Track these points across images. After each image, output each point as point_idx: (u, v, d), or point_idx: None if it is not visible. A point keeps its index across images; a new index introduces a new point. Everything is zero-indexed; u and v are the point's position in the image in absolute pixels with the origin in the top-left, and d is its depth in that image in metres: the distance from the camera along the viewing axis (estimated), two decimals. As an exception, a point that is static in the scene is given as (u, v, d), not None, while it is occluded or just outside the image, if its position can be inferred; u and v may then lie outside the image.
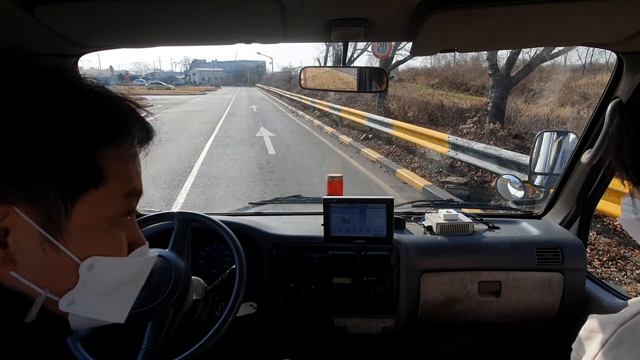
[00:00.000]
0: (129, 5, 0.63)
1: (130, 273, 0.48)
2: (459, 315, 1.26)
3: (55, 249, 0.40)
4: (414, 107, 12.13)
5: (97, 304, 0.45)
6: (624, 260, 3.27)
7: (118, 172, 0.43)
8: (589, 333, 0.48)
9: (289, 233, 1.29)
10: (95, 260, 0.42)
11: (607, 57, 13.00)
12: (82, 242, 0.41)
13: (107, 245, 0.44)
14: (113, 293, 0.47)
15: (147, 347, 0.84)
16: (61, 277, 0.42)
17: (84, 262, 0.42)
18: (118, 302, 0.49)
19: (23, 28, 0.70)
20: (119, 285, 0.47)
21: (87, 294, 0.43)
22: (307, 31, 0.81)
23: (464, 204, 2.07)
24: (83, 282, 0.42)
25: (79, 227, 0.41)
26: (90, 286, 0.43)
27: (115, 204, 0.43)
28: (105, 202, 0.42)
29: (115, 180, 0.42)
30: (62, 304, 0.42)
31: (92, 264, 0.42)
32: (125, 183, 0.44)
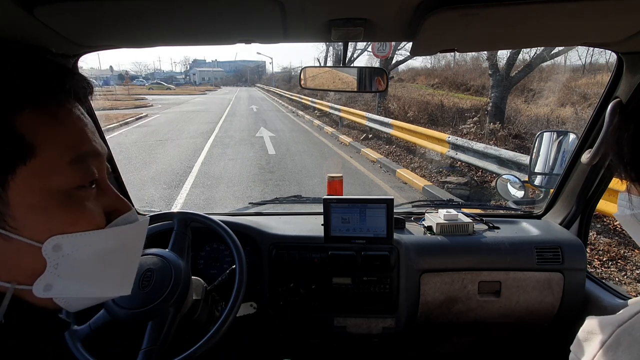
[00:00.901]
0: (129, 5, 0.63)
1: (115, 244, 0.42)
2: (459, 315, 1.26)
3: (6, 239, 0.36)
4: (414, 107, 12.13)
5: (84, 282, 0.41)
6: (624, 260, 3.27)
7: (49, 138, 0.36)
8: (587, 334, 0.48)
9: (289, 233, 1.29)
10: (61, 239, 0.38)
11: (607, 57, 13.01)
12: (35, 223, 0.37)
13: (70, 220, 0.38)
14: (100, 267, 0.42)
15: (147, 347, 0.84)
16: (27, 264, 0.38)
17: (45, 243, 0.37)
18: (112, 275, 0.44)
19: (23, 28, 0.70)
20: (104, 258, 0.42)
21: (64, 275, 0.39)
22: (307, 31, 0.81)
23: (464, 204, 2.07)
24: (54, 264, 0.38)
25: (25, 209, 0.36)
26: (65, 267, 0.39)
27: (60, 175, 0.37)
28: (44, 175, 0.36)
29: (48, 148, 0.36)
30: (37, 290, 0.38)
31: (57, 244, 0.38)
32: (64, 148, 0.38)
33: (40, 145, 0.36)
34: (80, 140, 0.39)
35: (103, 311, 0.90)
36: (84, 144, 0.40)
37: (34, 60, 0.38)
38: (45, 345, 0.42)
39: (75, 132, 0.39)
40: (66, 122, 0.39)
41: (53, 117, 0.38)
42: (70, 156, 0.38)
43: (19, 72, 0.36)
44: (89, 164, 0.40)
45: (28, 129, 0.35)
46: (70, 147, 0.38)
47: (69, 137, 0.38)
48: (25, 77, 0.37)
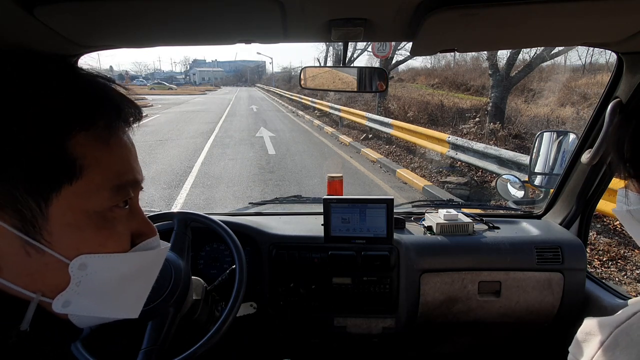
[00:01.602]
0: (129, 5, 0.63)
1: (134, 268, 0.43)
2: (459, 315, 1.26)
3: (39, 251, 0.37)
4: (414, 107, 12.13)
5: (99, 302, 0.42)
6: (624, 260, 3.27)
7: (96, 162, 0.38)
8: (585, 335, 0.48)
9: (289, 233, 1.29)
10: (88, 259, 0.39)
11: (607, 57, 13.02)
12: (68, 240, 0.38)
13: (100, 241, 0.39)
14: (118, 290, 0.43)
15: (147, 347, 0.84)
16: (52, 279, 0.38)
17: (73, 261, 0.38)
18: (126, 298, 0.45)
19: (23, 28, 0.70)
20: (122, 281, 0.43)
21: (83, 294, 0.40)
22: (307, 31, 0.81)
23: (464, 204, 2.07)
24: (76, 282, 0.39)
25: (62, 226, 0.37)
26: (86, 286, 0.39)
27: (100, 198, 0.38)
28: (86, 196, 0.37)
29: (94, 171, 0.37)
30: (56, 305, 0.39)
31: (83, 263, 0.39)
32: (109, 174, 0.39)
33: (88, 168, 0.37)
34: (124, 168, 0.41)
35: (103, 311, 0.90)
36: (127, 172, 0.41)
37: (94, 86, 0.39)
38: (47, 349, 0.42)
39: (121, 160, 0.41)
40: (115, 149, 0.40)
41: (104, 143, 0.39)
42: (113, 183, 0.39)
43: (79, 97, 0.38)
44: (128, 189, 0.41)
45: (79, 151, 0.36)
46: (114, 174, 0.39)
47: (115, 164, 0.40)
48: (83, 101, 0.38)
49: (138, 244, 0.44)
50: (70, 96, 0.37)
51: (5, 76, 0.35)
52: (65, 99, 0.36)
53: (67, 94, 0.37)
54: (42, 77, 0.37)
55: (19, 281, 0.37)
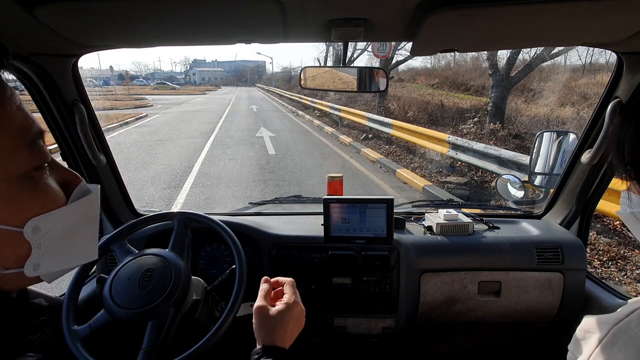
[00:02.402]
0: (129, 5, 0.63)
1: (79, 216, 0.45)
2: (459, 315, 1.26)
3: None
4: (414, 107, 12.14)
5: (62, 256, 0.44)
6: (624, 260, 3.27)
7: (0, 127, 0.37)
8: (584, 333, 0.48)
9: (289, 233, 1.29)
10: (37, 221, 0.40)
11: (607, 57, 13.02)
12: (9, 210, 0.38)
13: (38, 202, 0.41)
14: (72, 240, 0.45)
15: (147, 347, 0.84)
16: (11, 250, 0.40)
17: (24, 227, 0.39)
18: (82, 245, 0.47)
19: (23, 28, 0.70)
20: (74, 231, 0.45)
21: (46, 253, 0.42)
22: (307, 31, 0.81)
23: (464, 204, 2.07)
24: (37, 244, 0.40)
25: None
26: (46, 245, 0.41)
27: (19, 159, 0.39)
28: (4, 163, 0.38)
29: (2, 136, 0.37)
30: (28, 270, 0.41)
31: (36, 226, 0.40)
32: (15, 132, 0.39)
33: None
34: (27, 124, 0.40)
35: (103, 311, 0.90)
36: (32, 126, 0.41)
37: None
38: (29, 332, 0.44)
39: (19, 115, 0.40)
40: (7, 106, 0.39)
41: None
42: (24, 140, 0.39)
43: None
44: (41, 144, 0.41)
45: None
46: (21, 131, 0.39)
47: (16, 120, 0.39)
48: None
49: (72, 194, 0.45)
50: None
51: None
52: None
53: None
54: None
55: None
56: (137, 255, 0.97)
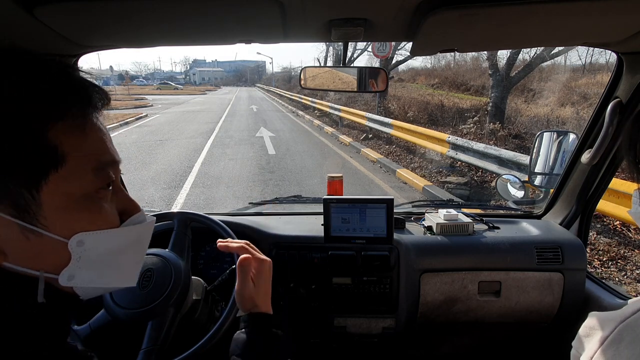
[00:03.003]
0: (129, 5, 0.63)
1: (126, 241, 0.48)
2: (459, 315, 1.26)
3: (37, 234, 0.40)
4: (414, 107, 12.13)
5: (99, 274, 0.46)
6: (624, 260, 3.27)
7: (76, 147, 0.41)
8: (589, 330, 0.48)
9: (289, 233, 1.28)
10: (83, 236, 0.43)
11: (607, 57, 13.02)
12: (62, 222, 0.41)
13: (91, 220, 0.44)
14: (113, 262, 0.47)
15: (147, 347, 0.84)
16: (54, 257, 0.42)
17: (70, 240, 0.42)
18: (122, 269, 0.49)
19: (23, 28, 0.70)
20: (117, 253, 0.47)
21: (84, 267, 0.44)
22: (307, 31, 0.81)
23: (464, 204, 2.07)
24: (77, 257, 0.43)
25: (54, 209, 0.40)
26: (86, 260, 0.44)
27: (84, 180, 0.42)
28: (72, 180, 0.41)
29: (75, 156, 0.41)
30: (62, 279, 0.43)
31: (80, 240, 0.43)
32: (88, 157, 0.42)
33: (69, 154, 0.40)
34: (102, 150, 0.44)
35: (103, 311, 0.90)
36: (105, 153, 0.45)
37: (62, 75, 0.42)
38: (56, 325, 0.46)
39: (97, 142, 0.44)
40: (90, 133, 0.43)
41: (80, 129, 0.42)
42: (93, 164, 0.43)
43: (52, 88, 0.40)
44: (108, 171, 0.45)
45: (59, 140, 0.40)
46: (94, 156, 0.43)
47: (93, 146, 0.43)
48: (57, 93, 0.41)
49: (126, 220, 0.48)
50: (42, 90, 0.39)
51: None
52: (38, 93, 0.39)
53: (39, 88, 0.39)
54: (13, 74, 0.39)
55: (23, 263, 0.41)
56: (137, 255, 0.97)
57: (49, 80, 0.40)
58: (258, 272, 0.73)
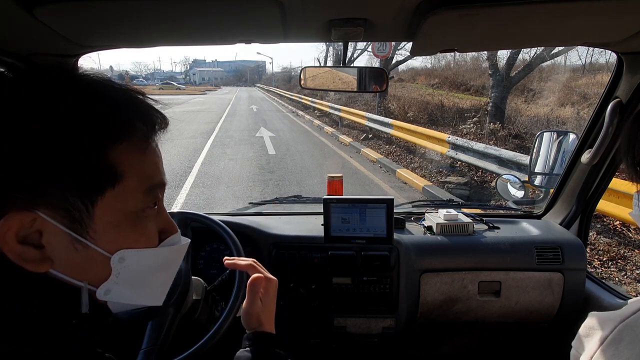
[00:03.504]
0: (129, 5, 0.63)
1: (161, 261, 0.50)
2: (459, 315, 1.26)
3: (85, 246, 0.42)
4: (414, 107, 12.13)
5: (133, 290, 0.47)
6: (624, 260, 3.27)
7: (133, 167, 0.43)
8: (589, 330, 0.48)
9: (289, 233, 1.28)
10: (125, 253, 0.44)
11: (607, 57, 13.02)
12: (109, 237, 0.43)
13: (135, 237, 0.45)
14: (147, 280, 0.49)
15: (147, 347, 0.84)
16: (96, 270, 0.44)
17: (114, 255, 0.44)
18: (153, 287, 0.51)
19: (23, 28, 0.70)
20: (151, 272, 0.49)
21: (120, 283, 0.45)
22: (307, 31, 0.81)
23: (464, 204, 2.07)
24: (116, 273, 0.44)
25: (104, 224, 0.42)
26: (123, 276, 0.45)
27: (135, 199, 0.44)
28: (125, 198, 0.43)
29: (132, 176, 0.42)
30: (100, 293, 0.45)
31: (122, 257, 0.44)
32: (143, 178, 0.44)
33: (126, 173, 0.42)
34: (155, 173, 0.47)
35: (103, 311, 0.90)
36: (157, 176, 0.47)
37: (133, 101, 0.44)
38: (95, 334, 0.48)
39: (152, 165, 0.46)
40: (148, 155, 0.45)
41: (140, 151, 0.44)
42: (146, 186, 0.45)
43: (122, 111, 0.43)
44: (157, 192, 0.47)
45: (119, 159, 0.41)
46: (147, 178, 0.45)
47: (148, 169, 0.45)
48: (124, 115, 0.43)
49: (164, 240, 0.50)
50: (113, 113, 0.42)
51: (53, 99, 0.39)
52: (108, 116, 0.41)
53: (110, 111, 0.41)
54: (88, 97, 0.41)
55: (68, 273, 0.43)
56: (137, 255, 0.97)
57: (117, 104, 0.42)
58: (266, 291, 0.74)
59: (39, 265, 0.40)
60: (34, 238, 0.39)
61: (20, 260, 0.39)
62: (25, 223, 0.38)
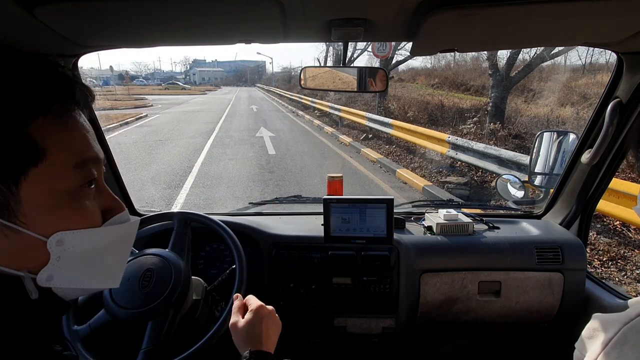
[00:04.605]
0: (129, 5, 0.63)
1: (109, 241, 0.47)
2: (459, 315, 1.26)
3: (16, 232, 0.39)
4: (414, 107, 12.13)
5: (80, 274, 0.44)
6: (624, 260, 3.27)
7: (58, 143, 0.40)
8: (593, 332, 0.47)
9: (289, 233, 1.29)
10: (63, 235, 0.42)
11: (607, 57, 13.02)
12: (42, 219, 0.40)
13: (72, 218, 0.42)
14: (96, 262, 0.46)
15: (147, 347, 0.84)
16: (33, 255, 0.41)
17: (50, 238, 0.41)
18: (105, 269, 0.48)
19: (23, 28, 0.70)
20: (100, 253, 0.46)
21: (64, 267, 0.43)
22: (307, 31, 0.81)
23: (464, 204, 2.07)
24: (56, 257, 0.42)
25: (34, 207, 0.39)
26: (66, 260, 0.42)
27: (65, 177, 0.41)
28: (52, 176, 0.40)
29: (57, 152, 0.40)
30: (40, 279, 0.42)
31: (60, 239, 0.41)
32: (70, 153, 0.41)
33: (50, 149, 0.39)
34: (84, 146, 0.43)
35: (103, 311, 0.90)
36: (87, 150, 0.43)
37: (46, 71, 0.41)
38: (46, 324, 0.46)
39: (79, 139, 0.43)
40: (73, 129, 0.42)
41: (62, 124, 0.41)
42: (75, 160, 0.41)
43: (33, 83, 0.40)
44: (90, 167, 0.44)
45: (40, 135, 0.39)
46: (75, 153, 0.42)
47: (74, 143, 0.42)
48: (39, 88, 0.40)
49: (109, 219, 0.47)
50: (24, 85, 0.39)
51: None
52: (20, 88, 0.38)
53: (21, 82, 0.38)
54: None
55: (3, 262, 0.40)
56: (137, 255, 0.97)
57: (31, 75, 0.40)
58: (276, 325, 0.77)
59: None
60: None
61: None
62: None
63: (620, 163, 1.17)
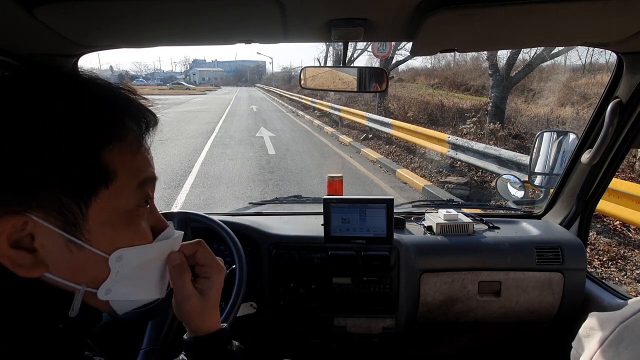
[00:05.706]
0: (129, 5, 0.64)
1: (157, 255, 0.51)
2: (459, 315, 1.26)
3: (80, 248, 0.41)
4: (414, 107, 12.14)
5: (133, 287, 0.47)
6: (624, 260, 3.27)
7: (126, 167, 0.43)
8: (589, 331, 0.48)
9: (289, 233, 1.29)
10: (123, 252, 0.44)
11: (607, 57, 13.02)
12: (104, 237, 0.43)
13: (130, 236, 0.45)
14: (145, 275, 0.49)
15: (147, 347, 0.84)
16: (93, 271, 0.44)
17: (111, 255, 0.43)
18: (153, 281, 0.51)
19: (23, 28, 0.70)
20: (149, 267, 0.49)
21: (120, 281, 0.45)
22: (307, 31, 0.81)
23: (464, 204, 2.07)
24: (115, 272, 0.44)
25: (99, 224, 0.42)
26: (122, 274, 0.45)
27: (129, 197, 0.44)
28: (118, 197, 0.43)
29: (124, 175, 0.42)
30: (100, 293, 0.45)
31: (120, 256, 0.44)
32: (135, 175, 0.44)
33: (119, 172, 0.42)
34: (145, 167, 0.46)
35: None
36: (148, 171, 0.46)
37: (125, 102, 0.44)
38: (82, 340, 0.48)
39: (142, 161, 0.46)
40: (137, 152, 0.45)
41: (132, 149, 0.44)
42: (137, 181, 0.44)
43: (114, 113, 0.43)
44: (148, 187, 0.47)
45: (111, 159, 0.41)
46: (138, 174, 0.45)
47: (139, 165, 0.45)
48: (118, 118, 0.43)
49: (158, 235, 0.50)
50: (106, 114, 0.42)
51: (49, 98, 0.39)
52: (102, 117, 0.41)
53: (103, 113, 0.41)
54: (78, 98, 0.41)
55: (63, 275, 0.42)
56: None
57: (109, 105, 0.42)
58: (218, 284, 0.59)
59: (31, 270, 0.39)
60: (25, 242, 0.38)
61: (13, 266, 0.38)
62: (17, 226, 0.37)
63: (620, 163, 1.17)
